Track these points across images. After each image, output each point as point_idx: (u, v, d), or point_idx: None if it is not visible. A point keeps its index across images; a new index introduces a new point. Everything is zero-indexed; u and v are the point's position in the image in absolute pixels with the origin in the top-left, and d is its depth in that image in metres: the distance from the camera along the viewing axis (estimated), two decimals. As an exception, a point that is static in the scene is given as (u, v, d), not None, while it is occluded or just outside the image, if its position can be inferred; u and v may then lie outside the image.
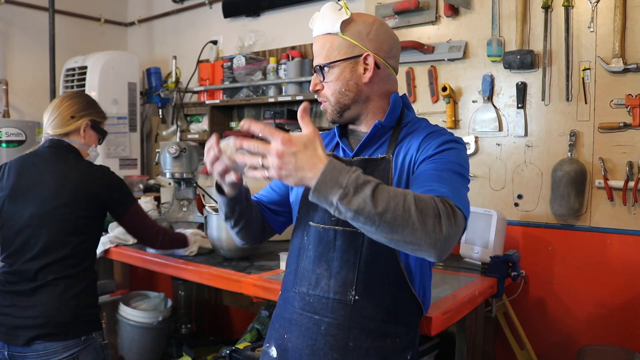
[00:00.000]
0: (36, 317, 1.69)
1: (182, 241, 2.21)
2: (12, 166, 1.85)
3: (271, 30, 3.21)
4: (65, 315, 1.72)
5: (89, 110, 1.93)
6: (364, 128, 1.31)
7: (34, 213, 1.75)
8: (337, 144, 1.35)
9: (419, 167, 1.17)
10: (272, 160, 0.94)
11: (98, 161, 2.03)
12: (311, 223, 1.28)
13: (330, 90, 1.26)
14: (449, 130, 2.42)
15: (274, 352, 1.31)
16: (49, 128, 1.88)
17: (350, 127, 1.35)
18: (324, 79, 1.27)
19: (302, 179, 0.95)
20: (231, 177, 1.12)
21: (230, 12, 3.35)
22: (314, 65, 1.28)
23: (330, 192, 0.93)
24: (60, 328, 1.71)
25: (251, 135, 1.02)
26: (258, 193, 1.48)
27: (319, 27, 1.26)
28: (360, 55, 1.24)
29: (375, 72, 1.24)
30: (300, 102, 2.97)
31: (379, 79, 1.26)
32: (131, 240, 2.54)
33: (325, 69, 1.25)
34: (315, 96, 1.32)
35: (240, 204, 1.27)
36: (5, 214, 1.79)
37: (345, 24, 1.23)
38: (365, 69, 1.24)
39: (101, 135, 2.00)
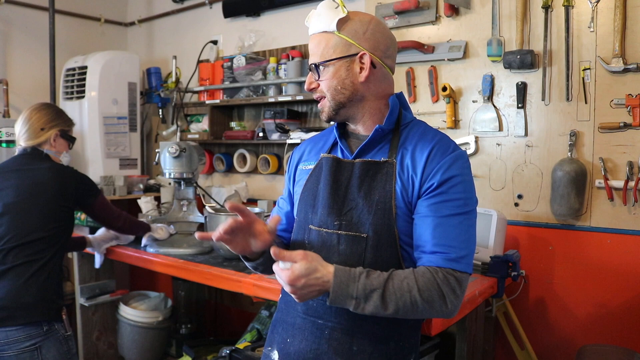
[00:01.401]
0: (0, 300, 1.77)
1: (145, 227, 2.42)
2: None
3: (271, 30, 3.21)
4: (29, 298, 1.80)
5: (57, 121, 2.09)
6: (362, 130, 1.30)
7: (9, 202, 1.89)
8: (335, 144, 1.34)
9: (426, 199, 1.18)
10: (292, 293, 1.12)
11: (98, 162, 2.12)
12: (312, 226, 1.27)
13: (325, 86, 1.25)
14: (449, 130, 2.44)
15: (275, 355, 1.30)
16: (22, 140, 2.06)
17: (349, 129, 1.34)
18: (319, 77, 1.26)
19: (320, 294, 1.13)
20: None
21: (230, 12, 3.34)
22: (310, 64, 1.27)
23: (344, 303, 1.11)
24: (22, 311, 1.77)
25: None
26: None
27: (315, 25, 1.25)
28: (356, 54, 1.23)
29: (372, 72, 1.23)
30: (300, 102, 2.99)
31: (375, 78, 1.25)
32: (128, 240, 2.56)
33: (321, 67, 1.24)
34: (314, 96, 1.30)
35: (262, 264, 1.33)
36: None
37: (341, 23, 1.22)
38: (361, 68, 1.23)
39: (70, 141, 2.16)
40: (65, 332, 1.88)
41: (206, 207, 2.42)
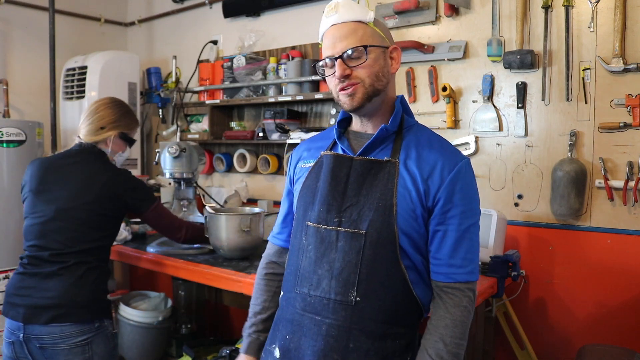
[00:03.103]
0: (55, 298, 1.79)
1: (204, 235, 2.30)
2: (40, 163, 2.00)
3: (271, 30, 3.21)
4: (83, 297, 1.83)
5: (119, 123, 2.05)
6: (368, 128, 1.32)
7: (60, 207, 1.87)
8: (334, 143, 1.34)
9: (439, 213, 1.22)
10: None
11: None
12: (309, 223, 1.28)
13: (366, 72, 1.23)
14: (449, 130, 2.44)
15: (277, 352, 1.31)
16: (81, 133, 2.02)
17: (352, 128, 1.35)
18: (366, 59, 1.22)
19: None
20: None
21: (230, 12, 3.35)
22: (345, 49, 1.22)
23: None
24: (77, 309, 1.81)
25: None
26: (277, 227, 1.50)
27: (347, 13, 1.24)
28: (388, 47, 1.28)
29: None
30: (300, 102, 2.98)
31: (393, 76, 1.31)
32: (124, 234, 2.57)
33: (368, 49, 1.23)
34: (341, 84, 1.25)
35: None
36: (30, 206, 1.93)
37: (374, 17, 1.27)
38: (392, 59, 1.28)
39: (129, 143, 2.12)
40: (112, 330, 1.93)
41: (206, 207, 2.42)
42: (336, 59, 1.23)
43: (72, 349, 1.78)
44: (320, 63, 1.28)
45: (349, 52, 1.22)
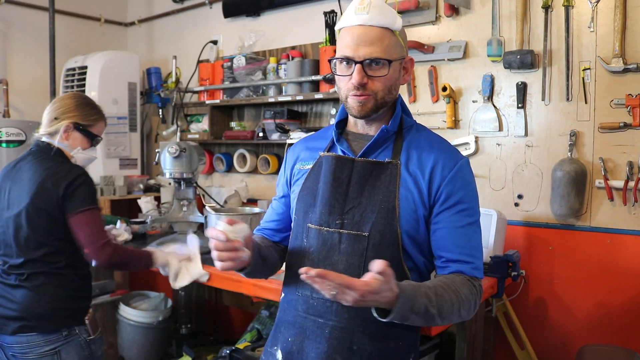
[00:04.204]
0: (18, 310, 1.76)
1: (144, 259, 1.96)
2: (2, 169, 1.92)
3: (271, 30, 3.21)
4: (42, 308, 1.76)
5: (74, 113, 1.90)
6: (369, 129, 1.30)
7: (8, 215, 1.80)
8: (332, 144, 1.32)
9: (441, 211, 1.21)
10: (354, 297, 1.00)
11: (98, 162, 1.99)
12: (310, 225, 1.27)
13: (381, 85, 1.20)
14: (449, 130, 2.44)
15: (279, 355, 1.30)
16: (40, 129, 1.92)
17: (351, 129, 1.34)
18: (387, 73, 1.19)
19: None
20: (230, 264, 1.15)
21: (230, 12, 3.35)
22: (368, 58, 1.18)
23: (406, 319, 1.08)
24: (37, 321, 1.75)
25: None
26: (265, 222, 1.47)
27: (378, 17, 1.19)
28: (403, 58, 1.26)
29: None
30: (300, 102, 2.98)
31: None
32: (125, 235, 2.54)
33: (392, 63, 1.20)
34: (356, 91, 1.21)
35: (254, 269, 1.27)
36: None
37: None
38: (405, 70, 1.27)
39: (89, 138, 1.94)
40: (88, 336, 1.83)
41: (206, 207, 2.42)
42: (356, 63, 1.18)
43: (41, 358, 1.74)
44: (336, 59, 1.23)
45: (370, 61, 1.18)
